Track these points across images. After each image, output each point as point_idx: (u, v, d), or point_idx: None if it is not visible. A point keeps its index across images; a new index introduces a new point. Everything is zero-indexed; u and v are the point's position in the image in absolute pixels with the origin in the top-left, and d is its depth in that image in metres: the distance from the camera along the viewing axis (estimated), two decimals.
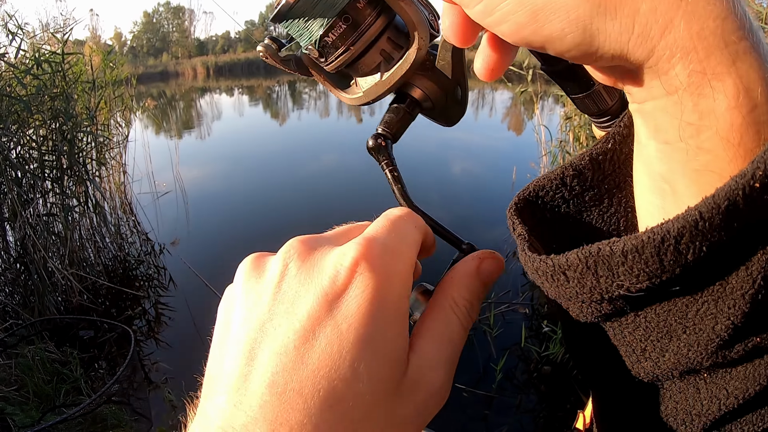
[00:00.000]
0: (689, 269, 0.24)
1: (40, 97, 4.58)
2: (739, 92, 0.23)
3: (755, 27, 0.24)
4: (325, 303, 0.30)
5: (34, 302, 4.17)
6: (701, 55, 0.23)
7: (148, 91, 27.46)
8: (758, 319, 0.25)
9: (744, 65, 0.23)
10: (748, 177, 0.22)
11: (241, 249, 3.23)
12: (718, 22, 0.22)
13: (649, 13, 0.23)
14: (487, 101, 24.54)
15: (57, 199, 4.79)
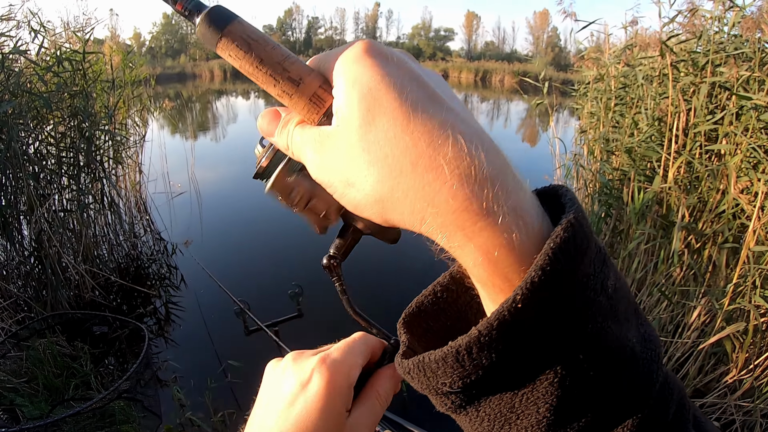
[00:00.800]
0: (494, 370, 0.32)
1: (60, 95, 4.64)
2: (479, 256, 0.32)
3: (511, 202, 0.32)
4: (300, 386, 0.51)
5: (46, 296, 4.21)
6: (447, 235, 0.32)
7: (166, 92, 27.58)
8: (575, 401, 0.33)
9: (480, 239, 0.31)
10: (508, 304, 0.30)
11: (253, 252, 3.29)
12: (455, 215, 0.31)
13: (412, 213, 0.33)
14: (502, 112, 24.55)
15: (73, 196, 4.84)
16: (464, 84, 41.97)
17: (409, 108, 0.34)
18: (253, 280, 5.35)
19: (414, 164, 0.32)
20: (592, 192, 4.94)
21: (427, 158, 0.32)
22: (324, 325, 4.44)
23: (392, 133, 0.33)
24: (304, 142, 0.40)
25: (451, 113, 0.35)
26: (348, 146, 0.35)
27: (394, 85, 0.35)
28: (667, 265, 3.53)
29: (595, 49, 5.52)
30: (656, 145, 3.81)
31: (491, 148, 0.35)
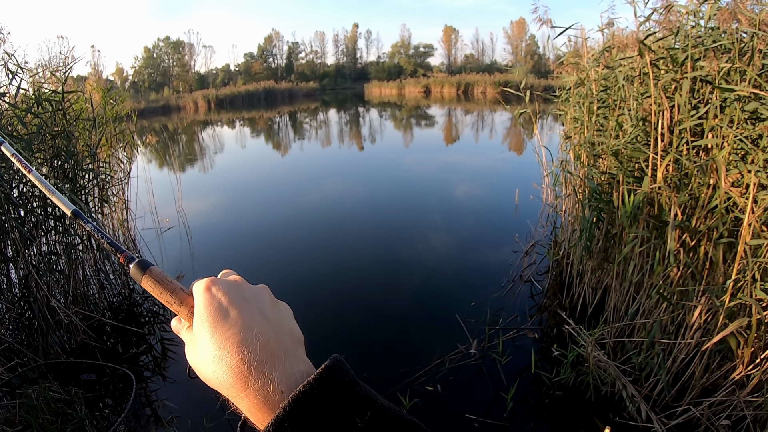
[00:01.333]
0: None
1: (41, 136, 4.59)
2: (247, 409, 0.53)
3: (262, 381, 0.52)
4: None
5: (38, 341, 4.13)
6: (233, 399, 0.53)
7: (151, 126, 27.69)
8: None
9: (246, 401, 0.52)
10: None
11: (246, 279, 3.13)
12: (235, 389, 0.52)
13: (220, 388, 0.54)
14: (486, 123, 24.66)
15: (60, 238, 4.76)
16: (447, 98, 42.18)
17: (213, 327, 0.55)
18: None
19: (215, 363, 0.53)
20: (582, 198, 4.93)
21: (221, 361, 0.53)
22: (320, 357, 4.39)
23: (206, 343, 0.55)
24: (185, 339, 0.61)
25: (235, 326, 0.55)
26: (196, 345, 0.57)
27: (209, 313, 0.56)
28: (664, 266, 3.49)
29: (573, 54, 5.53)
30: (642, 145, 3.79)
31: (264, 346, 0.54)
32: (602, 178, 4.45)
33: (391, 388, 3.90)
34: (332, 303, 5.56)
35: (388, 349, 4.61)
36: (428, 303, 5.47)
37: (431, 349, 4.41)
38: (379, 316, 5.23)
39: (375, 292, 5.81)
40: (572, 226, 5.43)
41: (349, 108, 39.66)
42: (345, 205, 9.78)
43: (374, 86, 56.90)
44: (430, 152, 16.14)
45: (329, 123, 29.31)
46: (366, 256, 6.97)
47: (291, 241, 7.74)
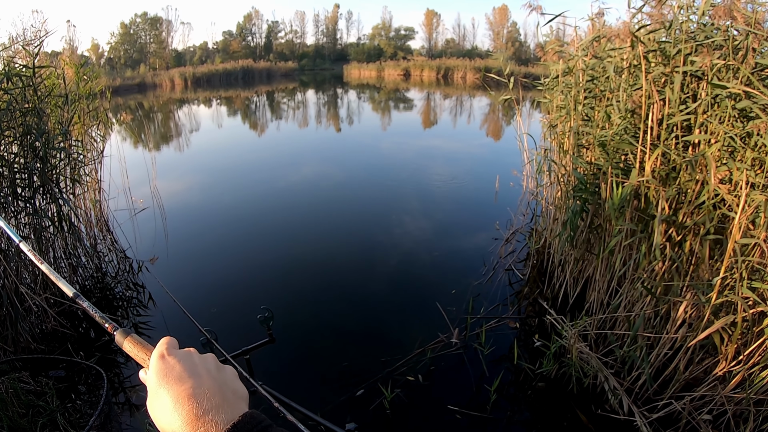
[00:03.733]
0: None
1: (11, 113, 4.41)
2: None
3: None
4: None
5: (6, 329, 3.98)
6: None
7: (126, 104, 27.17)
8: None
9: None
10: None
11: (220, 264, 3.15)
12: None
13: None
14: (465, 108, 24.64)
15: (29, 220, 4.60)
16: (426, 82, 42.04)
17: (169, 385, 0.66)
18: (220, 300, 5.17)
19: (170, 412, 0.63)
20: (565, 187, 4.89)
21: (172, 412, 0.63)
22: (297, 349, 4.34)
23: (163, 396, 0.65)
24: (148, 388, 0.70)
25: (186, 383, 0.66)
26: (156, 399, 0.67)
27: (163, 374, 0.68)
28: (649, 260, 3.47)
29: (554, 42, 5.47)
30: (630, 137, 3.75)
31: (210, 398, 0.65)
32: (588, 169, 4.41)
33: (372, 378, 3.86)
34: (308, 287, 5.50)
35: (367, 337, 4.56)
36: (407, 290, 5.42)
37: (411, 337, 4.37)
38: (357, 303, 5.17)
39: (352, 278, 5.75)
40: (554, 216, 5.40)
41: (328, 89, 39.33)
42: (321, 188, 9.67)
43: (353, 68, 56.54)
44: (408, 136, 16.05)
45: (307, 104, 29.06)
46: (342, 241, 6.89)
47: (267, 223, 7.64)
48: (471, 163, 11.95)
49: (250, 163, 12.36)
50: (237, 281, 5.72)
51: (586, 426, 3.38)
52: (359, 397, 3.70)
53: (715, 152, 3.12)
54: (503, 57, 41.43)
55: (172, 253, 6.44)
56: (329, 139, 16.33)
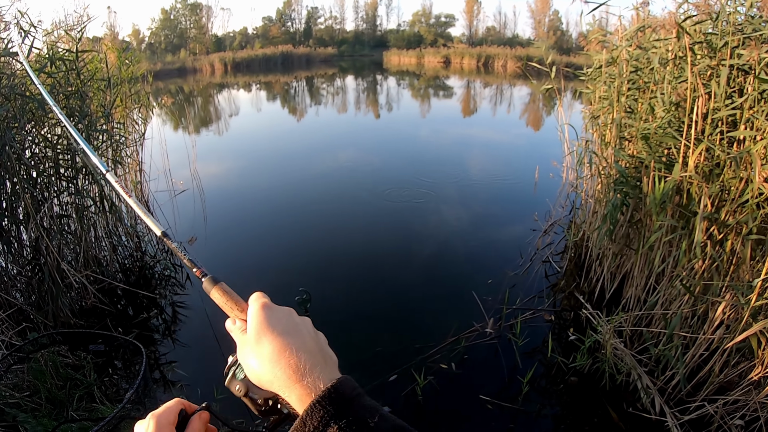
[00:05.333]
0: None
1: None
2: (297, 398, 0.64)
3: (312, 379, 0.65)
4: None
5: (47, 304, 4.11)
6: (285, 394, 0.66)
7: (166, 88, 27.58)
8: None
9: (295, 393, 0.65)
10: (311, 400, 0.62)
11: (257, 246, 3.19)
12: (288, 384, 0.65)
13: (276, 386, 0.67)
14: (505, 97, 24.30)
15: (72, 199, 4.72)
16: (466, 70, 41.51)
17: (273, 335, 0.68)
18: (257, 282, 5.23)
19: (273, 366, 0.66)
20: (605, 180, 4.80)
21: (277, 363, 0.66)
22: (333, 330, 4.35)
23: (265, 349, 0.67)
24: (238, 339, 0.73)
25: (292, 337, 0.68)
26: (253, 347, 0.68)
27: (267, 324, 0.69)
28: (689, 258, 3.38)
29: (597, 31, 5.36)
30: (674, 131, 3.65)
31: (314, 355, 0.68)
32: (630, 162, 4.32)
33: (406, 364, 3.86)
34: (343, 272, 5.52)
35: (401, 324, 4.56)
36: (443, 278, 5.41)
37: (446, 325, 4.35)
38: (392, 289, 5.18)
39: (388, 264, 5.75)
40: (593, 209, 5.30)
41: (367, 75, 39.21)
42: (358, 173, 9.66)
43: (393, 54, 56.11)
44: (447, 124, 15.90)
45: (346, 90, 29.05)
46: (379, 227, 6.90)
47: (303, 208, 7.69)
48: (510, 152, 11.81)
49: (288, 148, 12.43)
50: (273, 264, 5.78)
51: (617, 424, 3.34)
52: (392, 382, 3.71)
53: (760, 149, 3.01)
54: (545, 46, 40.66)
55: (210, 234, 6.55)
56: (368, 125, 16.31)
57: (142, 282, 5.21)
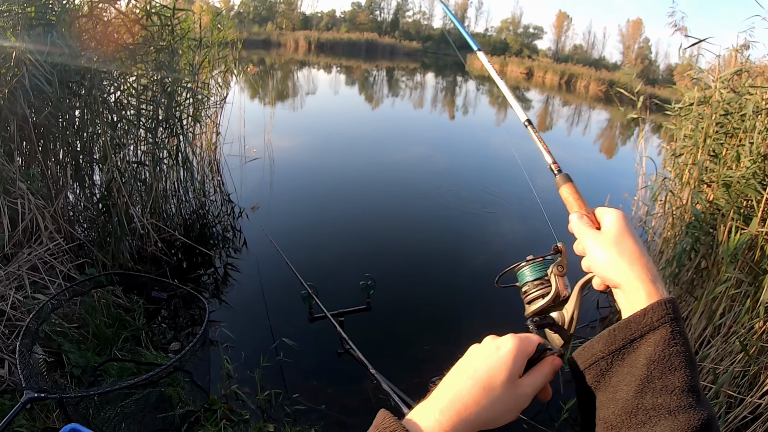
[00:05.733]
0: None
1: (145, 48, 4.63)
2: (644, 294, 0.72)
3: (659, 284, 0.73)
4: (495, 347, 0.75)
5: (109, 244, 4.24)
6: (634, 287, 0.74)
7: (250, 57, 28.07)
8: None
9: (639, 291, 0.73)
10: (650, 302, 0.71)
11: (317, 224, 3.14)
12: (640, 282, 0.73)
13: (624, 278, 0.76)
14: (582, 119, 23.62)
15: (148, 149, 4.85)
16: (548, 85, 40.66)
17: (633, 240, 0.77)
18: (317, 259, 5.25)
19: (631, 262, 0.74)
20: (678, 221, 4.61)
21: (636, 261, 0.74)
22: (390, 321, 4.34)
23: (627, 247, 0.76)
24: (589, 235, 0.82)
25: (642, 247, 0.77)
26: (608, 241, 0.78)
27: (628, 229, 0.78)
28: (751, 316, 3.21)
29: (688, 66, 5.14)
30: (758, 183, 3.46)
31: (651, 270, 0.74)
32: (706, 207, 4.13)
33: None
34: (400, 266, 5.47)
35: (450, 327, 4.48)
36: (495, 289, 5.29)
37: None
38: (445, 291, 5.09)
39: (441, 265, 5.67)
40: (660, 248, 5.05)
41: (448, 75, 38.91)
42: (425, 170, 9.58)
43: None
44: (520, 136, 15.40)
45: (425, 86, 28.96)
46: (437, 227, 6.80)
47: (366, 195, 7.69)
48: (580, 176, 11.15)
49: (360, 134, 12.48)
50: (329, 244, 5.79)
51: None
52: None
53: None
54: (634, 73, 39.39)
55: (274, 205, 6.63)
56: (441, 124, 16.17)
57: (202, 240, 5.31)
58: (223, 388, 3.23)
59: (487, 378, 0.69)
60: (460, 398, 0.67)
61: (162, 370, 2.28)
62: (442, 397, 0.69)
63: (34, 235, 3.61)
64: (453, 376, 0.73)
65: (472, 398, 0.67)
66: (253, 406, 3.16)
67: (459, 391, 0.68)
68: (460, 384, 0.69)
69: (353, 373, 3.20)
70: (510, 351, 0.71)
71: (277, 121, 10.76)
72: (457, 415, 0.66)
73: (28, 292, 3.23)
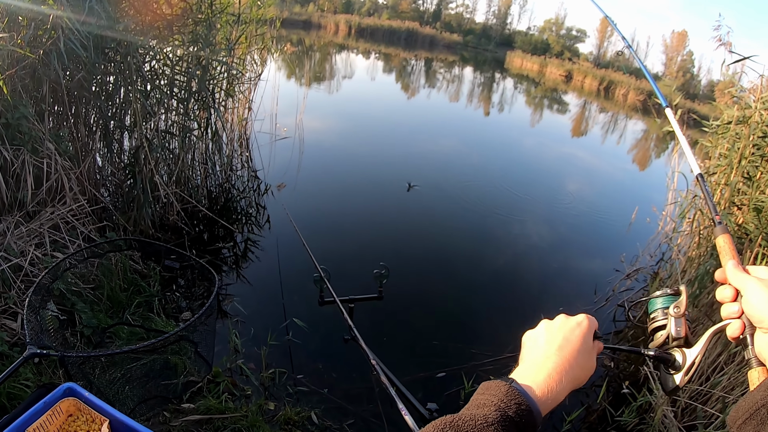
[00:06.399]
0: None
1: (183, 20, 4.65)
2: None
3: None
4: (576, 323, 0.88)
5: (132, 210, 4.29)
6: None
7: (289, 36, 28.13)
8: None
9: None
10: None
11: (339, 208, 3.14)
12: None
13: None
14: (618, 127, 23.16)
15: (179, 119, 4.89)
16: (586, 90, 39.89)
17: None
18: (334, 243, 5.28)
19: None
20: (704, 241, 4.50)
21: None
22: (401, 313, 4.33)
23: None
24: (746, 277, 0.82)
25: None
26: None
27: None
28: None
29: (729, 83, 5.00)
30: None
31: None
32: (734, 230, 4.03)
33: (457, 365, 3.76)
34: (418, 258, 5.45)
35: (463, 324, 4.45)
36: (512, 291, 5.23)
37: (505, 339, 4.17)
38: (461, 288, 5.05)
39: (460, 262, 5.62)
40: (683, 266, 4.94)
41: (486, 71, 38.52)
42: (453, 165, 9.49)
43: (516, 56, 54.70)
44: (554, 139, 15.30)
45: (462, 80, 28.72)
46: (460, 223, 6.73)
47: (392, 183, 7.65)
48: (610, 185, 11.19)
49: (393, 122, 12.44)
50: (351, 229, 5.80)
51: None
52: (439, 378, 3.61)
53: None
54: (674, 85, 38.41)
55: (300, 186, 6.64)
56: (475, 120, 16.02)
57: (224, 213, 5.35)
58: (229, 361, 3.26)
59: (580, 345, 0.82)
60: (561, 363, 0.78)
61: (165, 338, 2.31)
62: (544, 364, 0.78)
63: (59, 195, 3.67)
64: (547, 347, 0.83)
65: (569, 363, 0.79)
66: (256, 383, 3.18)
67: (560, 357, 0.79)
68: (559, 353, 0.80)
69: (359, 360, 3.19)
70: (589, 326, 0.87)
71: (311, 102, 10.76)
72: (561, 377, 0.76)
73: (47, 250, 3.29)
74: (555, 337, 0.84)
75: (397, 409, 1.84)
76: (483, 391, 0.72)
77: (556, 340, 0.83)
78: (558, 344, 0.82)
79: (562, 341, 0.83)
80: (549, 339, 0.85)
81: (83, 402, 1.51)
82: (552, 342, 0.83)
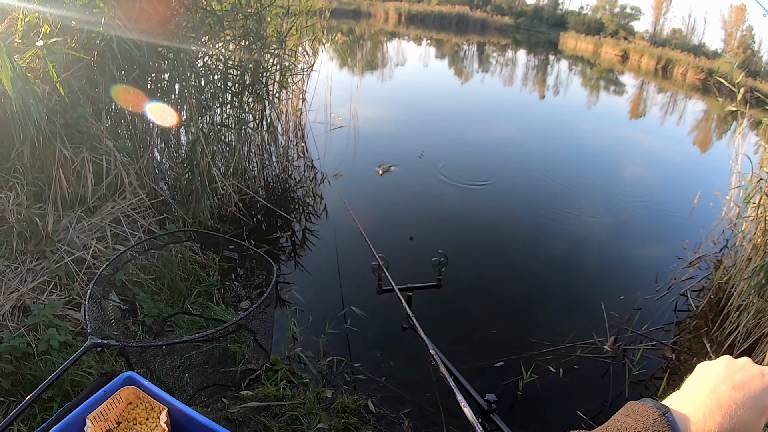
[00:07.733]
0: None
1: (234, 14, 4.70)
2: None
3: None
4: (760, 373, 0.71)
5: (191, 202, 4.38)
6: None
7: (339, 26, 28.18)
8: None
9: None
10: None
11: (396, 196, 3.09)
12: None
13: None
14: (677, 108, 22.21)
15: (234, 112, 4.96)
16: (643, 70, 38.32)
17: None
18: (392, 232, 5.26)
19: None
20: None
21: None
22: (460, 301, 4.28)
23: None
24: None
25: None
26: None
27: None
28: None
29: None
30: None
31: None
32: None
33: (515, 355, 3.69)
34: (475, 247, 5.36)
35: (521, 313, 4.35)
36: (570, 279, 5.06)
37: (564, 328, 4.05)
38: (520, 276, 4.93)
39: (517, 249, 5.49)
40: (748, 254, 4.65)
41: (540, 53, 37.53)
42: (508, 151, 9.30)
43: (570, 37, 53.17)
44: (610, 122, 14.71)
45: (516, 63, 28.13)
46: (516, 210, 6.56)
47: (447, 171, 7.58)
48: (670, 169, 10.65)
49: (447, 108, 12.26)
50: (406, 217, 5.76)
51: None
52: (497, 368, 3.55)
53: None
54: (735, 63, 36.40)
55: (356, 175, 6.66)
56: (530, 104, 15.63)
57: (282, 203, 5.41)
58: (287, 349, 3.29)
59: (756, 395, 0.67)
60: (729, 404, 0.66)
61: (224, 328, 2.33)
62: (708, 399, 0.67)
63: (119, 189, 3.77)
64: (717, 383, 0.70)
65: (737, 407, 0.66)
66: (314, 371, 3.20)
67: (729, 397, 0.66)
68: (730, 393, 0.67)
69: (417, 349, 3.17)
70: None
71: (364, 90, 10.76)
72: (724, 420, 0.64)
73: (108, 243, 3.40)
74: (732, 376, 0.71)
75: (454, 398, 1.81)
76: (628, 412, 0.67)
77: (732, 379, 0.70)
78: (732, 383, 0.70)
79: (739, 382, 0.70)
80: (724, 376, 0.72)
81: (142, 390, 1.53)
82: (726, 380, 0.71)
